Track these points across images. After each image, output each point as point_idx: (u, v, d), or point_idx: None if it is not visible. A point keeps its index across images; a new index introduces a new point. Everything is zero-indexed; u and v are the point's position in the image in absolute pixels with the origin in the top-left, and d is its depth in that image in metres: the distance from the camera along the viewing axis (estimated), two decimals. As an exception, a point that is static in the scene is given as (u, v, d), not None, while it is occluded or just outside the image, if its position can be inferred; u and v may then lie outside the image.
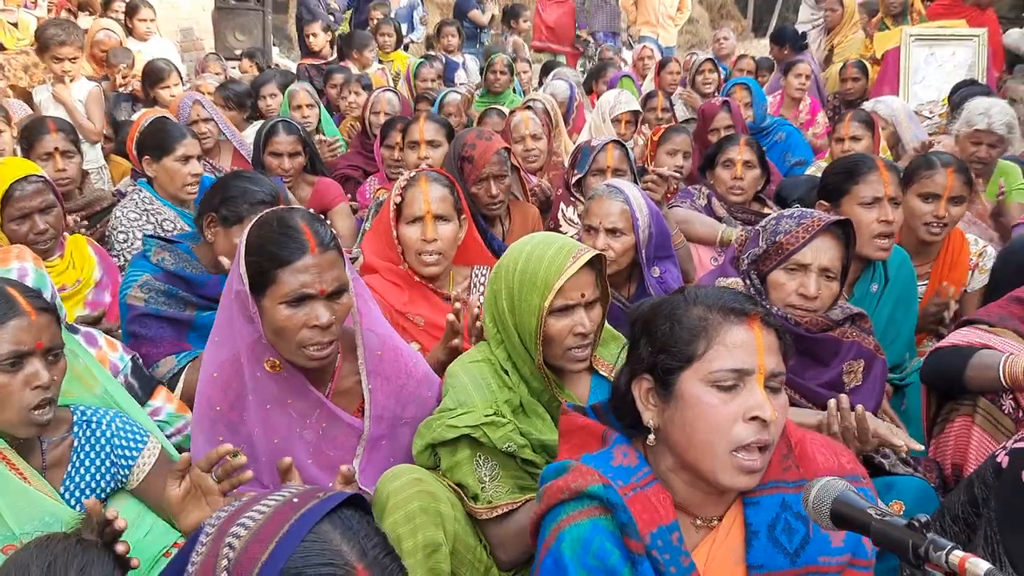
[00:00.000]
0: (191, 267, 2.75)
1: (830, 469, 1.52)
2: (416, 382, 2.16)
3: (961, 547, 1.13)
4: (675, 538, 1.45)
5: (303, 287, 1.91)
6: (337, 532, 1.03)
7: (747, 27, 13.79)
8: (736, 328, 1.43)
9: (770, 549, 1.47)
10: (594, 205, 2.90)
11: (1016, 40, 7.38)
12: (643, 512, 1.45)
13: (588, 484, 1.47)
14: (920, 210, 3.05)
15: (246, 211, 2.66)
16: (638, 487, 1.48)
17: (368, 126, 5.02)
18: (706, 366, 1.42)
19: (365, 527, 1.06)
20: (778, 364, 1.46)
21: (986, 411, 2.30)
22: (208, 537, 1.05)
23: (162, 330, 2.66)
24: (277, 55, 9.62)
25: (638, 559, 1.43)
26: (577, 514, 1.47)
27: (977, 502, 1.86)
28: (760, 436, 1.40)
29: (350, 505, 1.08)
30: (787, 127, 5.59)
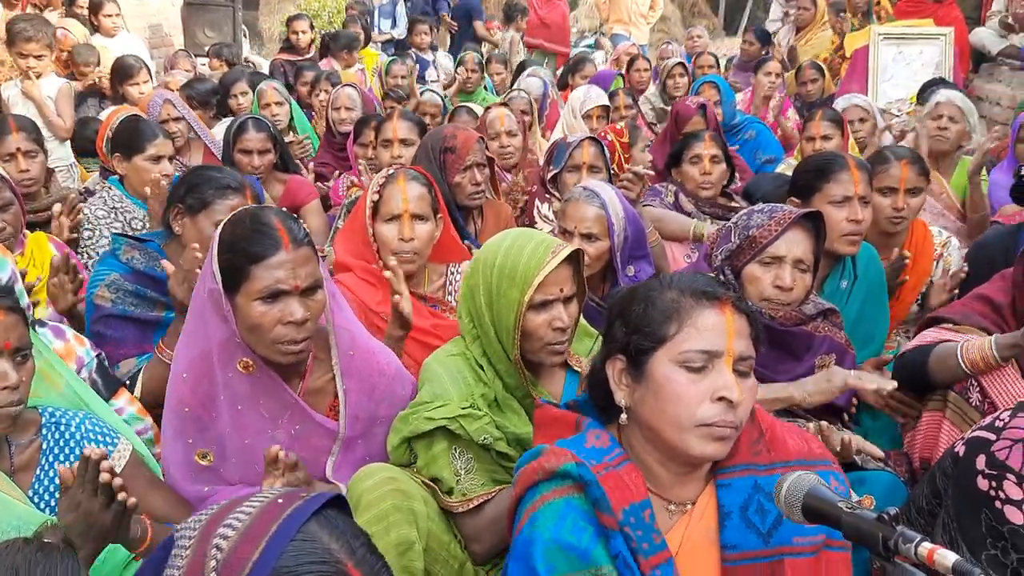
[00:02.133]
0: (161, 266, 2.72)
1: (801, 453, 1.56)
2: (389, 380, 2.16)
3: (929, 539, 1.15)
4: (647, 515, 1.47)
5: (277, 283, 1.91)
6: (325, 531, 1.03)
7: (718, 25, 13.88)
8: (707, 311, 1.47)
9: (743, 529, 1.50)
10: (570, 209, 2.90)
11: (982, 38, 7.48)
12: (615, 490, 1.47)
13: (561, 463, 1.49)
14: (879, 204, 3.09)
15: (211, 196, 2.64)
16: (610, 466, 1.50)
17: (332, 124, 5.00)
18: (677, 347, 1.46)
19: (350, 526, 1.07)
20: (747, 348, 1.49)
21: (955, 405, 2.34)
22: (190, 541, 1.05)
23: (126, 331, 2.62)
24: (248, 52, 9.54)
25: (611, 534, 1.45)
26: (551, 494, 1.49)
27: (939, 492, 1.90)
28: (726, 416, 1.44)
29: (332, 505, 1.09)
30: (757, 125, 5.63)
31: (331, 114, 5.01)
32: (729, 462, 1.53)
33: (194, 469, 2.03)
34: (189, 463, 2.03)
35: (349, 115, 4.91)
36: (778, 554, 1.49)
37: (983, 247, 3.24)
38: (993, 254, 3.11)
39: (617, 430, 1.58)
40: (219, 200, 2.65)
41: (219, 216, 2.61)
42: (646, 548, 1.44)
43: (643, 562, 1.44)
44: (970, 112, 4.31)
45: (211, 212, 2.64)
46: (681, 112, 4.77)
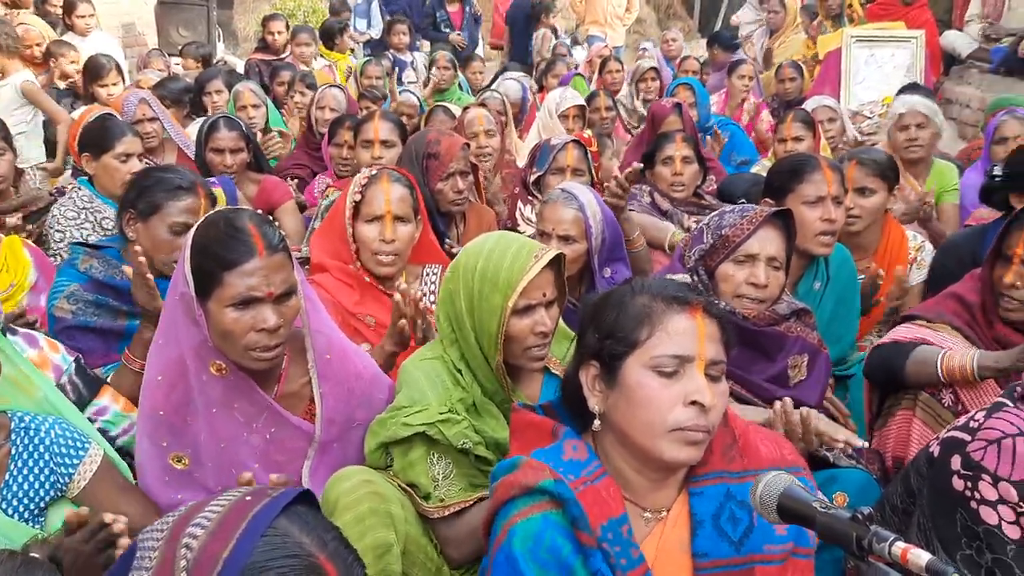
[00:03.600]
0: (121, 274, 2.66)
1: (773, 460, 1.57)
2: (366, 383, 2.15)
3: (903, 538, 1.16)
4: (625, 531, 1.47)
5: (250, 290, 1.88)
6: (295, 526, 1.04)
7: (693, 27, 13.96)
8: (678, 316, 1.48)
9: (715, 538, 1.50)
10: (548, 211, 2.90)
11: (952, 41, 7.58)
12: (593, 506, 1.47)
13: (539, 480, 1.48)
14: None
15: (161, 199, 2.61)
16: (588, 481, 1.50)
17: (314, 123, 4.97)
18: (648, 352, 1.47)
19: (320, 521, 1.08)
20: (718, 352, 1.50)
21: (926, 405, 2.37)
22: (158, 542, 1.04)
23: (90, 343, 2.56)
24: (222, 51, 9.47)
25: (590, 552, 1.45)
26: (528, 509, 1.48)
27: (913, 492, 1.92)
28: (698, 421, 1.44)
29: (301, 501, 1.09)
30: (732, 127, 5.67)
31: (315, 113, 4.97)
32: (702, 469, 1.54)
33: (169, 473, 2.01)
34: (164, 467, 2.01)
35: (333, 116, 4.87)
36: (749, 562, 1.50)
37: (952, 247, 3.29)
38: (962, 254, 3.16)
39: (592, 438, 1.58)
40: (170, 202, 2.61)
41: (172, 218, 2.60)
42: (624, 564, 1.45)
43: None
44: (935, 113, 4.33)
45: (163, 215, 2.60)
46: (657, 112, 4.81)
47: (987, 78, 7.04)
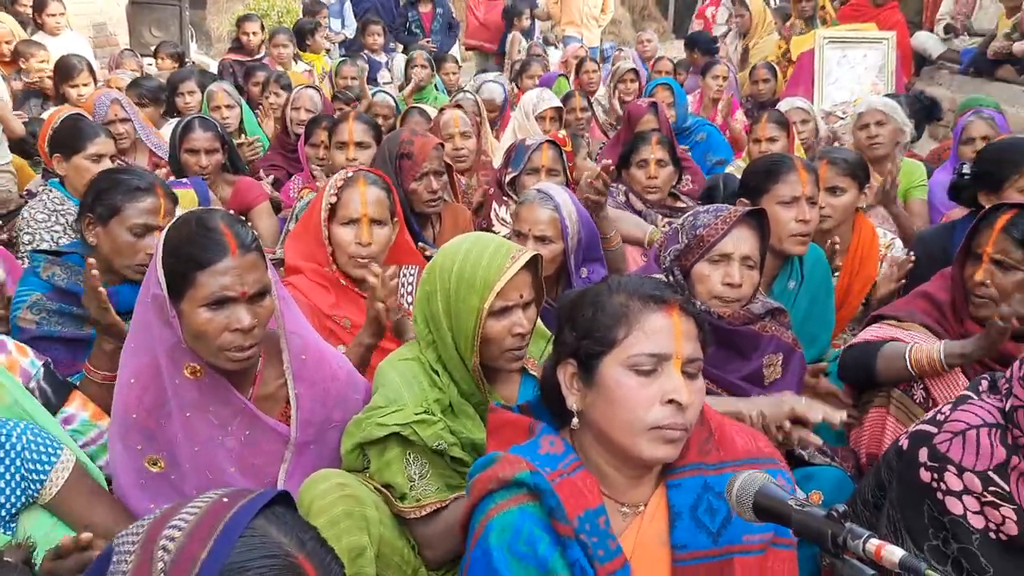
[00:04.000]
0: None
1: (749, 452, 1.58)
2: (342, 384, 2.14)
3: (877, 535, 1.17)
4: (602, 522, 1.48)
5: (223, 289, 1.87)
6: (273, 526, 1.04)
7: (668, 28, 14.02)
8: (655, 315, 1.49)
9: (693, 529, 1.51)
10: (524, 211, 2.90)
11: (923, 42, 7.68)
12: (570, 497, 1.48)
13: (515, 472, 1.49)
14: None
15: (120, 201, 2.58)
16: (565, 473, 1.51)
17: (289, 123, 4.94)
18: (626, 351, 1.47)
19: (298, 521, 1.08)
20: (695, 350, 1.51)
21: (899, 401, 2.40)
22: (134, 545, 1.04)
23: (55, 353, 2.52)
24: (195, 52, 9.39)
25: (567, 542, 1.45)
26: (505, 503, 1.48)
27: (884, 485, 1.94)
28: (675, 419, 1.45)
29: (278, 502, 1.09)
30: (707, 127, 5.70)
31: (290, 113, 4.94)
32: (679, 462, 1.55)
33: (144, 476, 1.99)
34: (139, 470, 1.99)
35: (309, 116, 4.83)
36: (727, 553, 1.51)
37: (923, 244, 3.33)
38: (932, 251, 3.21)
39: (570, 435, 1.59)
40: (129, 204, 2.59)
41: (132, 220, 2.58)
42: (602, 555, 1.45)
43: (599, 568, 1.45)
44: (894, 110, 4.40)
45: (123, 218, 2.58)
46: (633, 111, 4.83)
47: (957, 79, 7.15)
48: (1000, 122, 4.42)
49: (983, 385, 1.87)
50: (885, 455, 2.00)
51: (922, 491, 1.77)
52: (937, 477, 1.75)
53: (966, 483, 1.71)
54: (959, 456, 1.73)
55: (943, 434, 1.77)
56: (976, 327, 2.44)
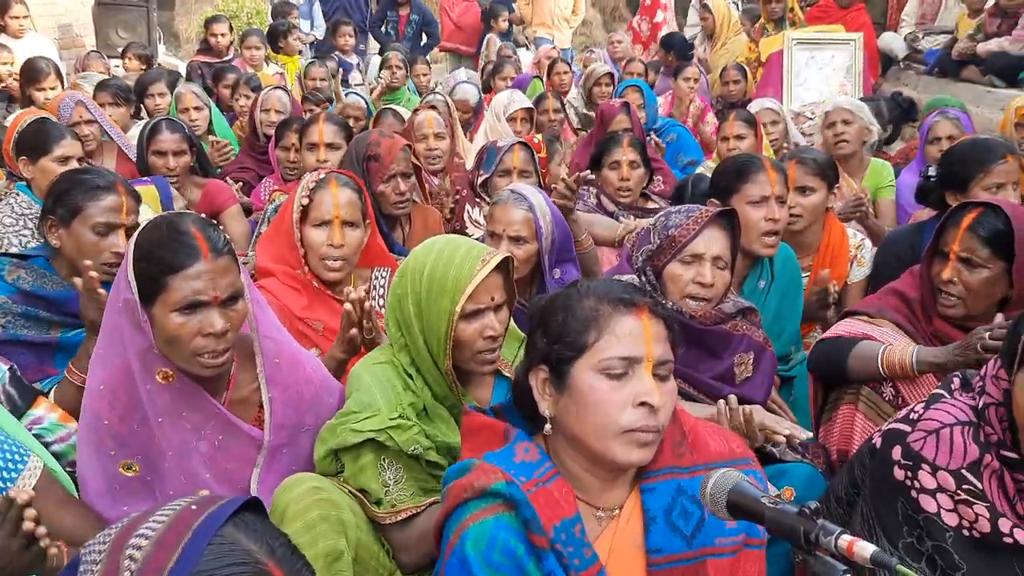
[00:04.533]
0: (51, 283, 2.59)
1: (722, 454, 1.59)
2: (316, 388, 2.12)
3: (849, 531, 1.18)
4: (578, 531, 1.48)
5: (196, 294, 1.85)
6: (242, 533, 1.03)
7: (639, 30, 14.07)
8: (625, 318, 1.49)
9: (668, 533, 1.52)
10: (498, 212, 2.89)
11: (889, 43, 7.78)
12: (546, 507, 1.48)
13: (491, 482, 1.48)
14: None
15: (81, 200, 2.56)
16: (540, 482, 1.51)
17: (258, 125, 4.90)
18: (597, 355, 1.48)
19: (268, 528, 1.07)
20: (666, 352, 1.51)
21: (868, 399, 2.42)
22: (100, 555, 1.02)
23: (22, 357, 2.47)
24: (163, 54, 9.29)
25: (543, 553, 1.45)
26: (480, 512, 1.48)
27: (857, 483, 1.96)
28: (648, 421, 1.46)
29: (248, 508, 1.08)
30: (678, 128, 5.75)
31: (259, 115, 4.91)
32: (653, 466, 1.55)
33: (117, 482, 1.96)
34: (111, 476, 1.96)
35: (278, 119, 4.79)
36: (701, 556, 1.52)
37: (891, 243, 3.37)
38: (900, 250, 3.25)
39: (544, 440, 1.59)
40: (91, 203, 2.57)
41: (94, 219, 2.56)
42: (578, 564, 1.45)
43: None
44: (859, 109, 4.47)
45: (85, 217, 2.56)
46: (606, 112, 4.85)
47: (923, 79, 7.25)
48: (965, 122, 4.49)
49: (955, 383, 1.89)
50: (858, 453, 2.02)
51: (896, 489, 1.79)
52: (911, 475, 1.77)
53: (940, 481, 1.73)
54: (933, 455, 1.75)
55: (917, 433, 1.79)
56: (943, 324, 2.48)
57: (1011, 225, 2.33)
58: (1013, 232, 2.32)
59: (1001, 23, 6.28)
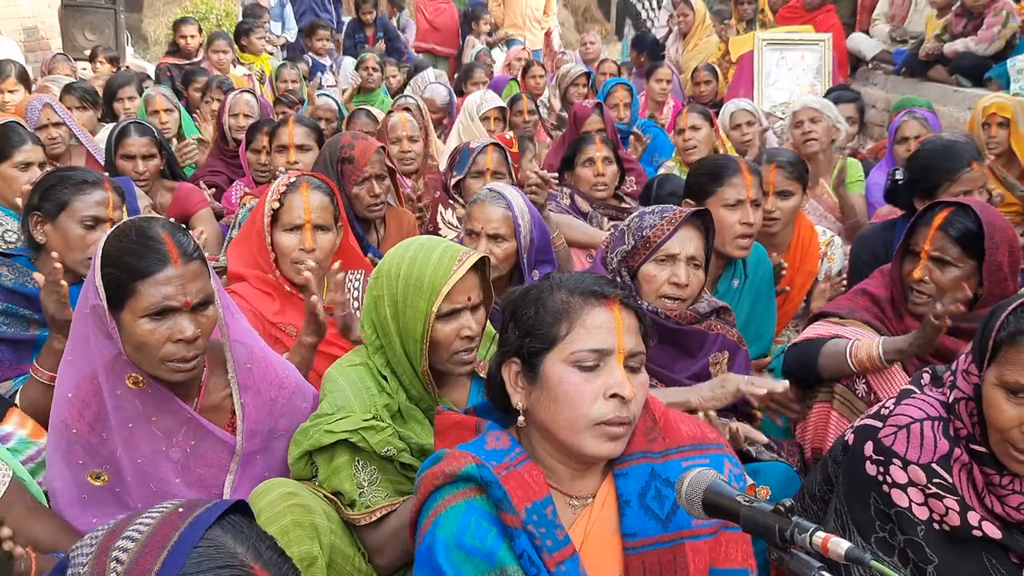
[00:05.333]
0: (32, 282, 2.57)
1: (694, 437, 1.60)
2: (289, 393, 2.11)
3: (823, 528, 1.19)
4: (549, 512, 1.49)
5: (166, 300, 1.83)
6: (229, 536, 1.03)
7: (610, 31, 14.14)
8: (596, 310, 1.50)
9: (642, 516, 1.52)
10: (476, 210, 2.88)
11: (858, 44, 7.86)
12: (517, 488, 1.48)
13: (462, 466, 1.49)
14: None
15: (68, 195, 2.56)
16: (511, 466, 1.51)
17: (227, 130, 4.86)
18: (568, 347, 1.48)
19: (255, 530, 1.07)
20: (637, 344, 1.52)
21: (842, 396, 2.45)
22: (87, 557, 1.02)
23: (1, 353, 2.47)
24: (131, 56, 9.19)
25: (515, 533, 1.45)
26: (452, 497, 1.48)
27: (830, 479, 1.98)
28: (620, 413, 1.46)
29: (235, 511, 1.08)
30: (654, 128, 5.78)
31: (228, 120, 4.87)
32: (625, 451, 1.55)
33: (87, 491, 1.94)
34: (80, 485, 1.93)
35: (247, 122, 4.76)
36: (678, 538, 1.52)
37: (864, 242, 3.40)
38: (873, 248, 3.28)
39: (516, 431, 1.59)
40: (77, 197, 2.57)
41: (81, 214, 2.56)
42: (550, 545, 1.46)
43: (548, 559, 1.45)
44: (827, 107, 4.53)
45: (72, 211, 2.56)
46: (579, 112, 4.87)
47: (891, 79, 7.33)
48: (932, 122, 4.55)
49: (925, 379, 1.92)
50: (831, 450, 2.03)
51: (868, 484, 1.81)
52: (883, 470, 1.79)
53: (911, 476, 1.75)
54: (903, 449, 1.77)
55: (888, 428, 1.81)
56: (915, 323, 2.50)
57: (981, 224, 2.36)
58: (983, 231, 2.35)
59: (967, 24, 6.36)
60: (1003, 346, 1.67)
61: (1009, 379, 1.65)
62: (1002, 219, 2.48)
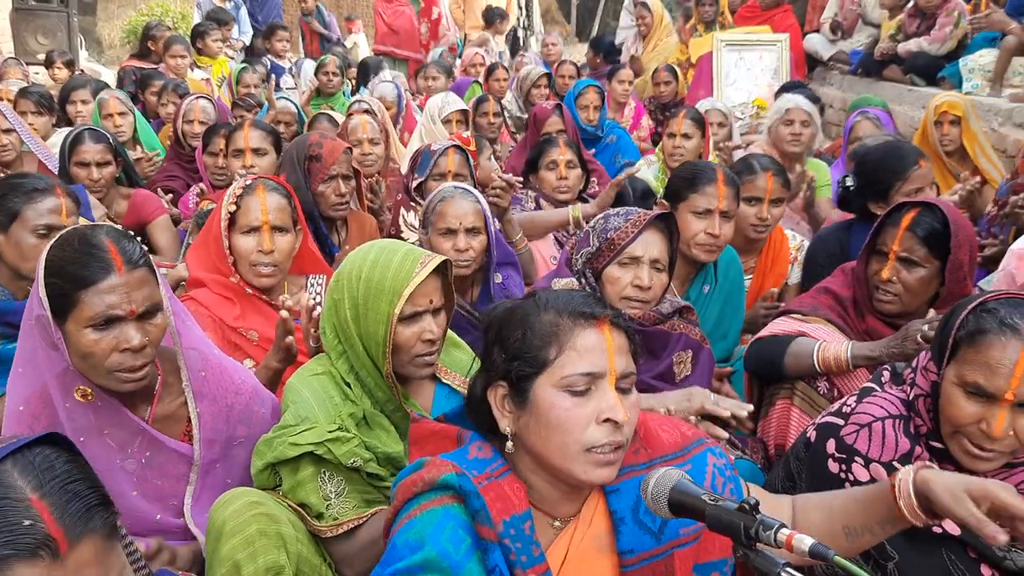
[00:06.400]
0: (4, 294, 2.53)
1: (675, 443, 1.57)
2: (246, 400, 2.07)
3: (787, 524, 1.20)
4: (527, 527, 1.45)
5: (110, 308, 1.79)
6: (17, 469, 1.05)
7: (571, 32, 14.20)
8: (586, 332, 1.45)
9: (637, 532, 1.50)
10: (449, 207, 2.83)
11: (814, 44, 7.97)
12: (496, 500, 1.45)
13: (441, 474, 1.45)
14: (744, 212, 3.21)
15: (19, 204, 2.52)
16: (492, 477, 1.48)
17: (182, 136, 4.79)
18: (559, 371, 1.43)
19: (51, 460, 1.08)
20: (628, 364, 1.48)
21: (803, 393, 2.47)
22: None
23: None
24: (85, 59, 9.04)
25: (489, 546, 1.42)
26: (428, 503, 1.45)
27: (793, 476, 1.99)
28: (613, 438, 1.42)
29: (50, 444, 1.10)
30: (617, 130, 5.80)
31: (183, 126, 4.80)
32: None
33: None
34: None
35: (203, 128, 4.68)
36: (669, 548, 1.50)
37: (820, 242, 3.44)
38: (829, 248, 3.31)
39: (500, 444, 1.54)
40: (29, 206, 2.53)
41: (34, 223, 2.52)
42: (524, 561, 1.42)
43: (520, 575, 1.42)
44: (816, 114, 4.57)
45: (24, 221, 2.52)
46: (539, 114, 4.86)
47: (847, 79, 7.44)
48: (885, 121, 4.62)
49: (885, 376, 1.94)
50: (794, 446, 2.05)
51: (831, 482, 1.82)
52: (845, 468, 1.80)
53: (872, 474, 1.77)
54: (865, 448, 1.79)
55: (850, 426, 1.83)
56: (876, 322, 2.53)
57: (947, 224, 2.39)
58: (949, 231, 2.38)
59: (920, 24, 6.48)
60: (962, 345, 1.69)
61: (968, 379, 1.67)
62: (964, 219, 2.53)
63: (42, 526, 1.02)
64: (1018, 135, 4.98)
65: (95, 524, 1.07)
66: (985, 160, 4.44)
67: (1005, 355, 1.63)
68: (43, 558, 1.02)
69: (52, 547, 1.02)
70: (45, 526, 1.03)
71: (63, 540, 1.03)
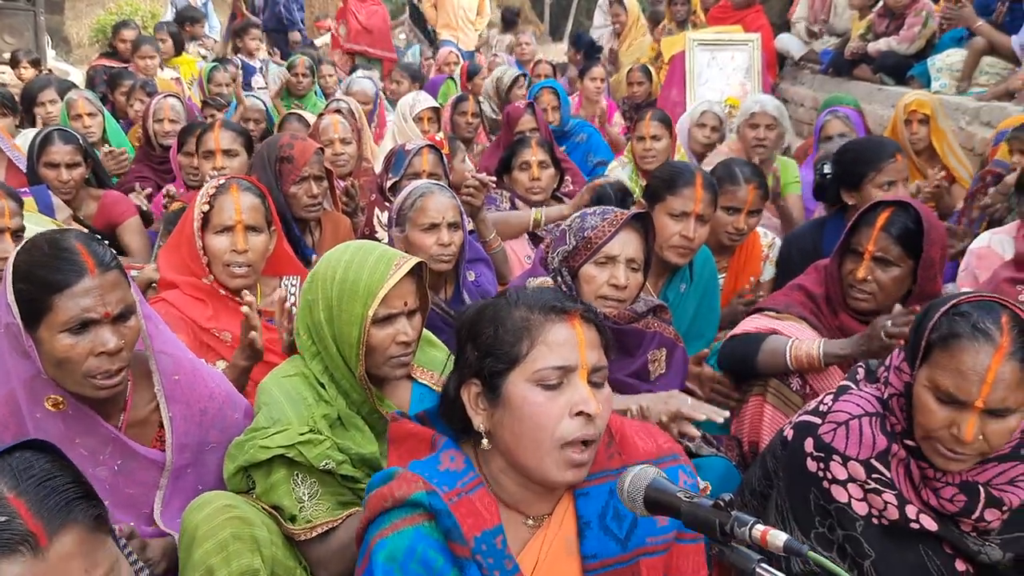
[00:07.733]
0: None
1: (649, 452, 1.57)
2: (219, 404, 2.04)
3: (762, 521, 1.20)
4: (499, 542, 1.45)
5: (85, 312, 1.76)
6: None
7: (544, 31, 14.22)
8: (557, 326, 1.45)
9: (602, 537, 1.50)
10: (430, 202, 2.81)
11: (786, 44, 8.04)
12: (467, 516, 1.44)
13: (411, 491, 1.44)
14: (722, 220, 3.21)
15: None
16: (463, 492, 1.47)
17: (152, 135, 4.74)
18: (530, 366, 1.44)
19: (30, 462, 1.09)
20: (600, 358, 1.48)
21: (776, 390, 2.48)
22: None
23: None
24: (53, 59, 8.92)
25: (465, 563, 1.42)
26: (400, 522, 1.44)
27: (770, 474, 2.00)
28: (586, 431, 1.42)
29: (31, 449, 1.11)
30: (588, 129, 5.80)
31: (152, 126, 4.74)
32: None
33: None
34: None
35: (173, 127, 4.65)
36: (635, 556, 1.51)
37: (795, 239, 3.48)
38: (804, 245, 3.35)
39: (473, 449, 1.55)
40: None
41: None
42: (498, 575, 1.43)
43: None
44: (783, 116, 4.57)
45: None
46: (511, 113, 4.87)
47: (818, 78, 7.51)
48: (855, 119, 4.66)
49: (860, 374, 1.95)
50: (771, 445, 2.06)
51: (808, 480, 1.84)
52: (823, 466, 1.81)
53: (850, 471, 1.78)
54: (843, 446, 1.80)
55: (827, 425, 1.84)
56: (849, 320, 2.56)
57: (920, 222, 2.42)
58: (922, 230, 2.41)
59: (889, 23, 6.55)
60: (935, 348, 1.69)
61: (940, 384, 1.67)
62: (936, 218, 2.56)
63: (20, 522, 1.03)
64: (985, 133, 5.05)
65: (76, 516, 1.07)
66: (953, 158, 4.50)
67: (977, 361, 1.62)
68: (23, 553, 1.02)
69: (32, 542, 1.03)
70: (23, 521, 1.03)
71: (42, 534, 1.03)
